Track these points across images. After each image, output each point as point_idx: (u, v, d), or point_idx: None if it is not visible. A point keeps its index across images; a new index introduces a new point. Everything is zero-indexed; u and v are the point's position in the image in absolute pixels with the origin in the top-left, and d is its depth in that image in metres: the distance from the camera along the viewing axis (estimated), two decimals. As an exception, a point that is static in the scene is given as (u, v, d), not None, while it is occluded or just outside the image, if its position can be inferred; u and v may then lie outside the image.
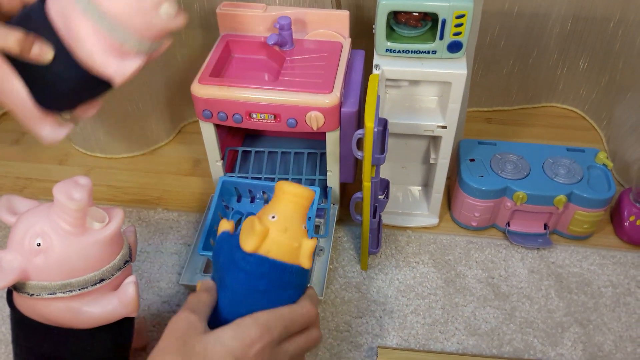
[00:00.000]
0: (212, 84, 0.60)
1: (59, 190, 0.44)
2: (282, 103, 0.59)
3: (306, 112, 0.59)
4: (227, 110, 0.61)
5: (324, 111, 0.59)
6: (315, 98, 0.59)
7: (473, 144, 0.72)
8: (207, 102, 0.61)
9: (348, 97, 0.61)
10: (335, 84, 0.60)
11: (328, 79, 0.60)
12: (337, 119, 0.61)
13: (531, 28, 0.79)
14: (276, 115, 0.60)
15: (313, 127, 0.60)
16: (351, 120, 0.61)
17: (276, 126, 0.61)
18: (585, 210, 0.66)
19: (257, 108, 0.60)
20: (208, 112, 0.62)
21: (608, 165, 0.69)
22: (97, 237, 0.46)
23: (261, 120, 0.61)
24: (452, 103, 0.59)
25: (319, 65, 0.63)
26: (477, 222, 0.70)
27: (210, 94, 0.60)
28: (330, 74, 0.61)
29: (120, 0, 0.42)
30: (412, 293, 0.64)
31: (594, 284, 0.65)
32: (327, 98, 0.59)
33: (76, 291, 0.46)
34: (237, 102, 0.60)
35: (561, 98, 0.90)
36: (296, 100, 0.59)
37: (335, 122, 0.61)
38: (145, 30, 0.44)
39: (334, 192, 0.69)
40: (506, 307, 0.63)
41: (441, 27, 0.55)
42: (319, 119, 0.59)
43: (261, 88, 0.60)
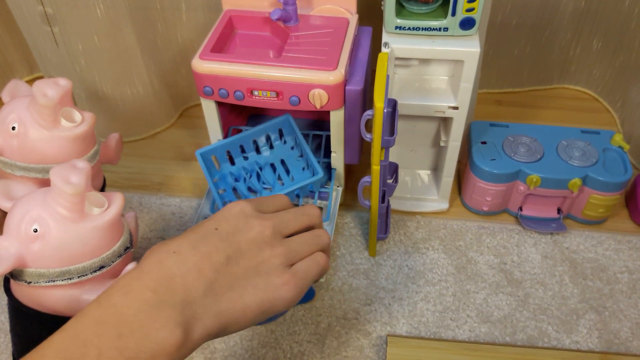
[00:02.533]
0: (213, 59, 0.59)
1: (56, 174, 0.42)
2: (285, 80, 0.57)
3: (309, 89, 0.57)
4: (228, 87, 0.59)
5: (327, 89, 0.57)
6: (318, 75, 0.56)
7: (484, 126, 0.70)
8: (208, 78, 0.59)
9: (353, 75, 0.59)
10: (340, 60, 0.58)
11: (333, 56, 0.58)
12: (342, 97, 0.58)
13: (544, 6, 0.76)
14: (278, 93, 0.58)
15: (316, 105, 0.58)
16: (356, 99, 0.59)
17: (278, 104, 0.59)
18: (600, 194, 0.64)
19: (259, 85, 0.58)
20: (209, 89, 0.60)
21: (624, 148, 0.66)
22: (96, 223, 0.44)
23: (263, 98, 0.59)
24: (464, 82, 0.57)
25: (323, 41, 0.60)
26: (488, 206, 0.68)
27: (211, 70, 0.58)
28: (335, 51, 0.59)
29: None
30: (422, 280, 0.62)
31: (610, 269, 0.63)
32: (331, 75, 0.56)
33: (75, 279, 0.44)
34: (239, 79, 0.58)
35: (574, 79, 0.87)
36: (299, 77, 0.57)
37: (339, 101, 0.59)
38: None
39: (338, 174, 0.67)
40: (519, 294, 0.61)
41: (453, 3, 0.52)
42: (323, 96, 0.57)
43: (263, 64, 0.58)
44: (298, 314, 0.59)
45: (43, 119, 0.50)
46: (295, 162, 0.67)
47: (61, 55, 0.73)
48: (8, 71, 0.89)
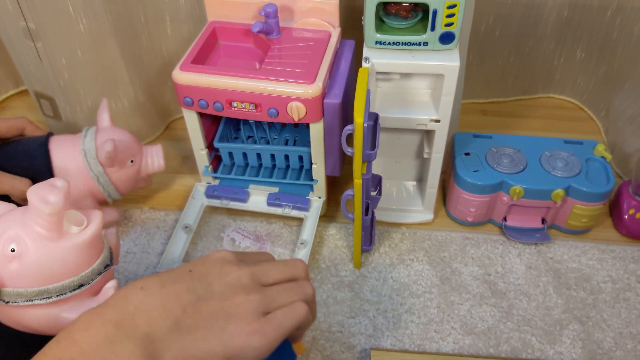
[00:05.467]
0: (193, 70, 0.60)
1: (34, 193, 0.42)
2: (263, 92, 0.58)
3: (287, 102, 0.58)
4: (207, 98, 0.60)
5: (305, 102, 0.57)
6: (296, 88, 0.57)
7: (468, 137, 0.70)
8: (188, 89, 0.60)
9: (332, 88, 0.60)
10: (318, 74, 0.58)
11: (311, 69, 0.59)
12: (320, 110, 0.59)
13: (527, 16, 0.77)
14: (257, 105, 0.59)
15: (294, 118, 0.59)
16: (335, 112, 0.59)
17: (257, 115, 0.60)
18: (583, 204, 0.65)
19: (237, 96, 0.59)
20: (189, 100, 0.61)
21: (607, 158, 0.67)
22: (74, 241, 0.44)
23: (242, 110, 0.60)
24: (445, 96, 0.57)
25: (304, 54, 0.61)
26: (472, 217, 0.68)
27: (190, 81, 0.59)
28: (315, 64, 0.59)
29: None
30: (407, 292, 0.63)
31: (593, 279, 0.64)
32: (309, 88, 0.57)
33: (54, 297, 0.44)
34: (218, 90, 0.59)
35: (558, 89, 0.88)
36: (277, 90, 0.58)
37: (318, 114, 0.59)
38: None
39: (319, 185, 0.67)
40: (503, 305, 0.61)
41: (432, 18, 0.53)
42: (300, 109, 0.58)
43: (242, 76, 0.58)
44: (282, 328, 0.59)
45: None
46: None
47: (45, 70, 0.72)
48: (-7, 85, 0.89)
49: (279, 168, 0.71)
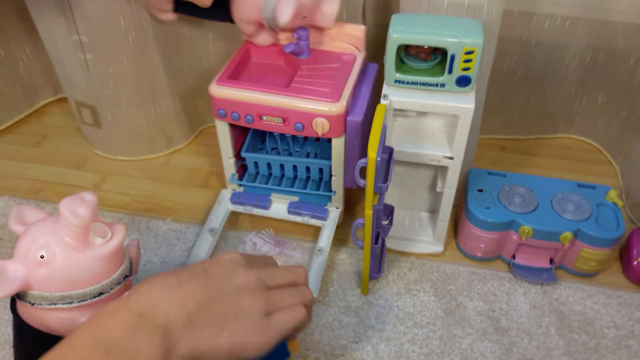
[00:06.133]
0: (228, 85, 0.65)
1: (65, 205, 0.45)
2: (291, 108, 0.63)
3: (312, 118, 0.62)
4: (239, 110, 0.65)
5: (329, 118, 0.62)
6: (321, 105, 0.62)
7: (482, 174, 0.72)
8: (222, 102, 0.65)
9: (355, 107, 0.64)
10: (343, 93, 0.63)
11: (336, 89, 0.63)
12: (343, 126, 0.63)
13: (549, 60, 0.78)
14: (285, 119, 0.64)
15: (318, 133, 0.63)
16: (356, 129, 0.63)
17: (284, 129, 0.65)
18: (592, 248, 0.66)
19: (267, 111, 0.64)
20: (223, 111, 0.66)
21: (618, 204, 0.67)
22: (98, 252, 0.47)
23: (271, 123, 0.65)
24: (459, 135, 0.59)
25: (330, 75, 0.65)
26: (482, 252, 0.70)
27: (225, 95, 0.64)
28: (340, 84, 0.64)
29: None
30: (411, 321, 0.64)
31: (597, 323, 0.64)
32: (333, 106, 0.61)
33: (75, 303, 0.47)
34: (249, 104, 0.64)
35: (578, 130, 0.89)
36: (304, 107, 0.62)
37: (340, 130, 0.63)
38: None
39: (338, 196, 0.71)
40: (504, 342, 0.62)
41: (450, 62, 0.55)
42: (325, 125, 0.62)
43: (272, 92, 0.63)
44: (287, 347, 0.62)
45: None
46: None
47: (91, 79, 0.78)
48: (33, 92, 0.94)
49: (299, 179, 0.75)
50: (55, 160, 0.86)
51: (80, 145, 0.89)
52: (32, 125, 0.93)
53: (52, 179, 0.83)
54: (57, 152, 0.88)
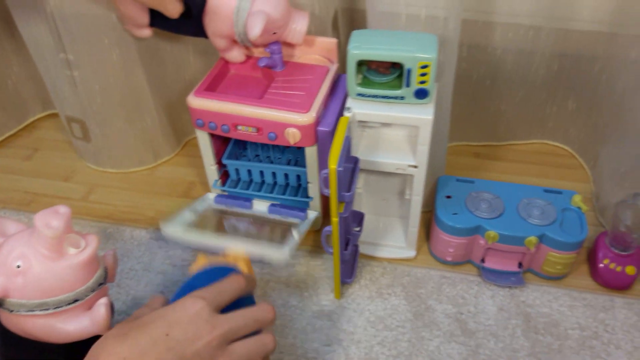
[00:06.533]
0: (205, 97, 0.68)
1: (39, 218, 0.48)
2: (264, 118, 0.66)
3: (284, 127, 0.65)
4: (216, 120, 0.68)
5: (300, 128, 0.65)
6: (293, 116, 0.65)
7: (451, 181, 0.74)
8: (200, 113, 0.68)
9: (325, 117, 0.67)
10: (313, 104, 0.66)
11: (307, 100, 0.66)
12: (314, 135, 0.66)
13: (517, 67, 0.80)
14: (258, 129, 0.67)
15: (290, 142, 0.66)
16: (327, 138, 0.66)
17: (258, 138, 0.68)
18: (557, 252, 0.68)
19: (242, 121, 0.67)
20: (201, 121, 0.69)
21: (582, 209, 0.70)
22: (72, 262, 0.50)
23: (245, 132, 0.68)
24: (421, 145, 0.62)
25: (302, 86, 0.68)
26: (452, 257, 0.72)
27: (202, 106, 0.68)
28: (311, 95, 0.67)
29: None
30: (381, 324, 0.67)
31: (562, 325, 0.66)
32: (304, 117, 0.64)
33: (51, 310, 0.50)
34: (225, 115, 0.67)
35: (552, 136, 0.91)
36: (276, 117, 0.65)
37: (311, 139, 0.66)
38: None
39: (315, 202, 0.74)
40: (471, 344, 0.65)
41: (407, 76, 0.58)
42: (296, 134, 0.65)
43: (246, 103, 0.66)
44: (261, 350, 0.64)
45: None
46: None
47: (79, 95, 0.81)
48: (23, 107, 0.98)
49: (279, 185, 0.78)
50: (45, 172, 0.90)
51: (70, 159, 0.92)
52: (23, 140, 0.96)
53: (42, 191, 0.86)
54: (48, 165, 0.91)
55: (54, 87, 0.83)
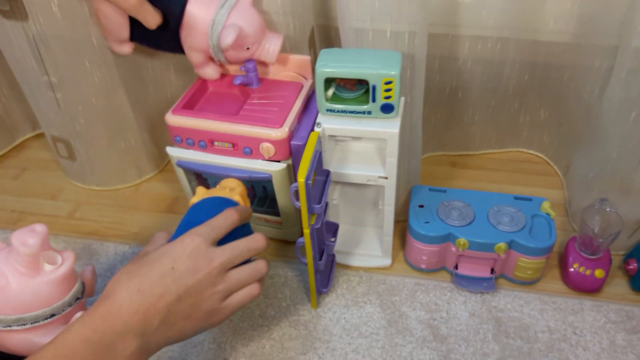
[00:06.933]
0: (182, 114, 0.70)
1: (16, 237, 0.51)
2: (239, 134, 0.68)
3: (259, 142, 0.68)
4: (193, 137, 0.70)
5: (274, 143, 0.67)
6: (266, 131, 0.67)
7: (424, 191, 0.76)
8: (178, 130, 0.71)
9: (299, 131, 0.69)
10: (287, 119, 0.68)
11: (281, 115, 0.68)
12: (288, 149, 0.68)
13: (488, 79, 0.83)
14: (234, 144, 0.69)
15: (265, 156, 0.69)
16: (301, 152, 0.67)
17: (234, 153, 0.70)
18: (526, 257, 0.70)
19: (218, 137, 0.69)
20: (179, 138, 0.71)
21: (551, 215, 0.72)
22: (48, 278, 0.52)
23: (222, 147, 0.70)
24: (390, 157, 0.64)
25: (277, 102, 0.71)
26: (425, 264, 0.74)
27: (180, 123, 0.70)
28: (285, 111, 0.69)
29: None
30: (356, 332, 0.68)
31: (532, 328, 0.68)
32: (277, 132, 0.67)
33: (28, 325, 0.52)
34: (202, 131, 0.69)
35: (526, 144, 0.93)
36: (250, 132, 0.67)
37: (285, 153, 0.69)
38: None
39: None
40: (443, 349, 0.66)
41: (372, 92, 0.60)
42: (270, 149, 0.68)
43: (222, 120, 0.69)
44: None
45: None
46: None
47: (63, 116, 0.83)
48: (13, 128, 1.01)
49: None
50: (32, 191, 0.92)
51: (57, 177, 0.95)
52: (12, 160, 0.99)
53: (29, 210, 0.89)
54: (35, 183, 0.93)
55: (38, 108, 0.85)
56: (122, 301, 0.48)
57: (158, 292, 0.50)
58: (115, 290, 0.49)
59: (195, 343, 0.68)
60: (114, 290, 0.49)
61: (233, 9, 0.67)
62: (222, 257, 0.54)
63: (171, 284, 0.50)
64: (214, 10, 0.66)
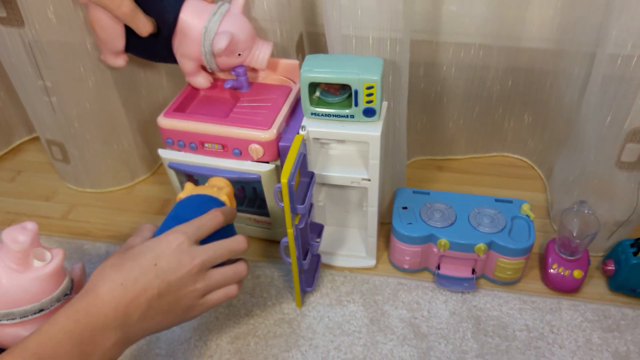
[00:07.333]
0: (173, 117, 0.72)
1: (7, 234, 0.53)
2: (228, 136, 0.70)
3: (248, 144, 0.70)
4: (184, 139, 0.73)
5: (262, 144, 0.69)
6: (255, 132, 0.69)
7: (408, 193, 0.78)
8: (169, 132, 0.73)
9: (287, 133, 0.71)
10: (275, 121, 0.70)
11: (269, 118, 0.70)
12: (276, 151, 0.70)
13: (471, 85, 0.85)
14: (224, 146, 0.71)
15: (254, 157, 0.71)
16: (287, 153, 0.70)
17: (224, 154, 0.72)
18: (506, 258, 0.71)
19: (208, 139, 0.71)
20: (170, 140, 0.74)
21: (530, 216, 0.74)
22: (37, 274, 0.54)
23: (212, 149, 0.72)
24: (372, 159, 0.66)
25: (266, 105, 0.73)
26: (409, 264, 0.76)
27: (171, 125, 0.72)
28: (273, 113, 0.71)
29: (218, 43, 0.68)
30: (339, 330, 0.70)
31: (510, 327, 0.70)
32: (265, 133, 0.69)
33: (17, 319, 0.54)
34: (192, 133, 0.71)
35: (511, 148, 0.95)
36: (240, 134, 0.69)
37: (274, 154, 0.71)
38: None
39: None
40: (422, 347, 0.68)
41: (354, 96, 0.62)
42: (259, 150, 0.70)
43: (212, 122, 0.71)
44: (224, 357, 0.68)
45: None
46: None
47: (58, 120, 0.85)
48: (9, 132, 1.03)
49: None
50: (27, 193, 0.94)
51: (51, 180, 0.97)
52: (8, 162, 1.01)
53: (24, 211, 0.91)
54: (30, 186, 0.96)
55: (34, 112, 0.87)
56: (104, 295, 0.51)
57: (140, 287, 0.52)
58: (98, 284, 0.51)
59: (182, 341, 0.70)
60: (97, 283, 0.51)
61: (224, 16, 0.69)
62: (204, 256, 0.56)
63: (153, 280, 0.53)
64: (206, 18, 0.68)
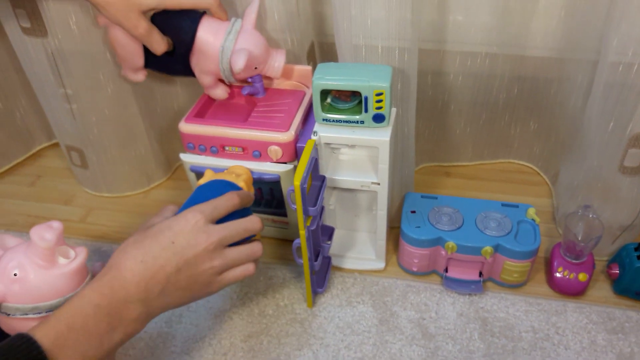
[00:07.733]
0: (194, 122, 0.75)
1: (34, 231, 0.55)
2: (248, 138, 0.73)
3: (267, 146, 0.73)
4: (205, 143, 0.75)
5: (281, 145, 0.72)
6: (274, 135, 0.72)
7: (417, 197, 0.80)
8: (190, 137, 0.75)
9: (304, 135, 0.74)
10: (292, 123, 0.73)
11: (286, 120, 0.73)
12: (294, 152, 0.73)
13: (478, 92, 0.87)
14: (244, 148, 0.74)
15: (273, 158, 0.74)
16: None
17: (244, 157, 0.75)
18: (512, 260, 0.73)
19: (228, 142, 0.74)
20: (191, 145, 0.76)
21: (536, 220, 0.75)
22: (62, 271, 0.57)
23: (232, 152, 0.75)
24: (381, 164, 0.69)
25: (282, 109, 0.76)
26: (417, 267, 0.78)
27: (193, 131, 0.75)
28: (290, 116, 0.74)
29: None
30: (349, 330, 0.72)
31: (516, 328, 0.71)
32: (284, 135, 0.72)
33: (43, 313, 0.57)
34: (213, 137, 0.74)
35: (517, 155, 0.97)
36: (259, 136, 0.72)
37: (292, 155, 0.74)
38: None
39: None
40: (430, 346, 0.70)
41: (364, 103, 0.65)
42: (278, 152, 0.73)
43: (232, 126, 0.74)
44: (237, 355, 0.70)
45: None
46: None
47: (77, 127, 0.89)
48: (29, 138, 1.06)
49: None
50: (47, 197, 0.97)
51: (70, 184, 1.00)
52: (28, 168, 1.04)
53: (44, 214, 0.94)
54: (49, 190, 0.99)
55: (54, 119, 0.91)
56: (126, 271, 0.54)
57: (159, 264, 0.55)
58: (120, 260, 0.55)
59: (197, 339, 0.72)
60: (120, 260, 0.55)
61: (239, 34, 0.72)
62: (220, 234, 0.58)
63: (171, 257, 0.55)
64: (223, 37, 0.71)
